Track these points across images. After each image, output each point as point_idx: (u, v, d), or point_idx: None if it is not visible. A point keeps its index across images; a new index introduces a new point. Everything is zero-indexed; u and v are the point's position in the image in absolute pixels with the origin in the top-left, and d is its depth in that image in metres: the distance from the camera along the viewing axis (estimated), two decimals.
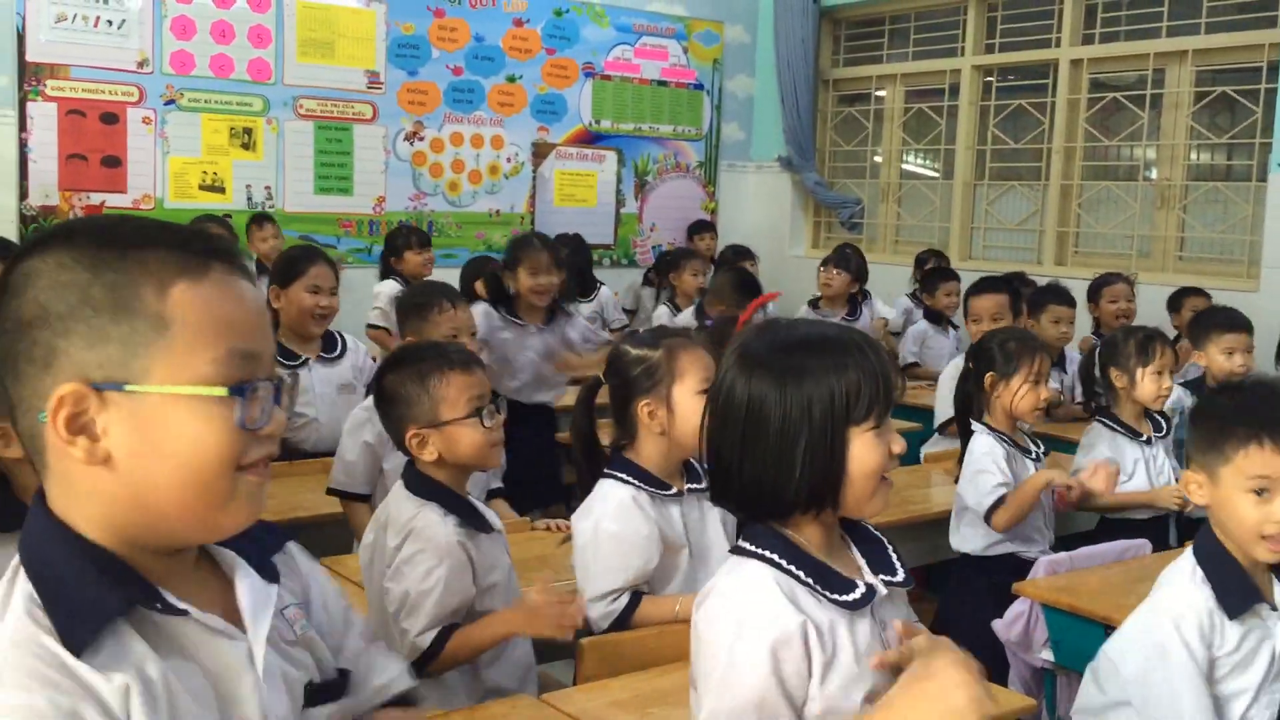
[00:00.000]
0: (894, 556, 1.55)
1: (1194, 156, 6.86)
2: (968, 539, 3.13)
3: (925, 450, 4.25)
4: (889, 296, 7.04)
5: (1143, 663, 1.90)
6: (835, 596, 1.43)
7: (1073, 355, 4.90)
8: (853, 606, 1.43)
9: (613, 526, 2.26)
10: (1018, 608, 2.69)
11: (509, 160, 7.94)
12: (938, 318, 5.94)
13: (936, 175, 8.28)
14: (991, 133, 7.73)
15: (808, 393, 1.41)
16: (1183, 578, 1.93)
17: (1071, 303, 4.81)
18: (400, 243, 6.30)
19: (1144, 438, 3.47)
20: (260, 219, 6.61)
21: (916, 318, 6.30)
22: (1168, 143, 6.79)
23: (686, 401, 2.30)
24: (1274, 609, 1.92)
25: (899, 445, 1.46)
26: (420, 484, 2.18)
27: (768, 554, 1.44)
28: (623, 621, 2.25)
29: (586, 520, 2.31)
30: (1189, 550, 1.99)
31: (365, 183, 7.38)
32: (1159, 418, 3.56)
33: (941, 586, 3.40)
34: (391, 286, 6.14)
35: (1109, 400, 3.55)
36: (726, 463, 1.46)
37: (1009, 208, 7.79)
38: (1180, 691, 1.83)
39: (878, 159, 8.55)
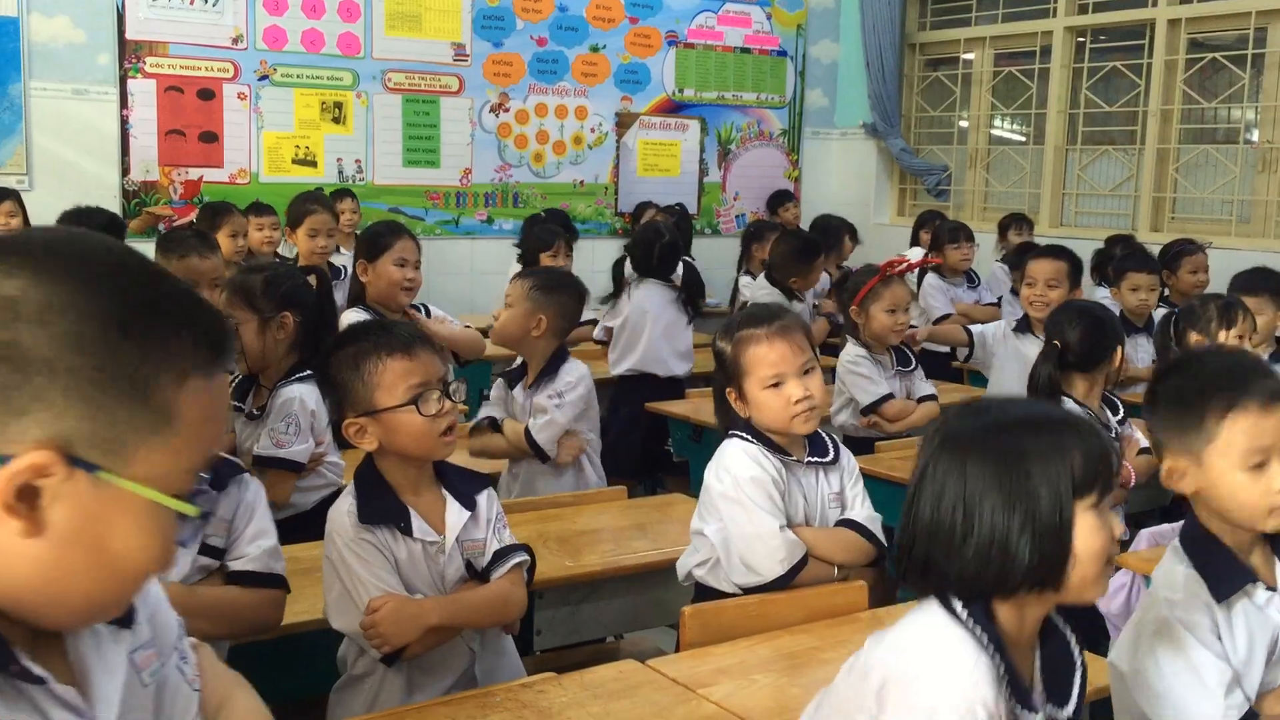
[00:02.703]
0: (1076, 687, 1.45)
1: None
2: None
3: None
4: (978, 265, 6.94)
5: (1148, 645, 1.78)
6: (1019, 712, 1.36)
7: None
8: None
9: (749, 471, 2.28)
10: (1119, 580, 2.67)
11: (592, 131, 7.96)
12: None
13: (1026, 140, 8.12)
14: (1084, 96, 7.56)
15: (1031, 476, 1.35)
16: (1174, 566, 1.81)
17: (1154, 269, 4.72)
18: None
19: None
20: (338, 195, 6.70)
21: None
22: (1269, 104, 6.59)
23: (758, 395, 2.32)
24: (1271, 589, 1.78)
25: (1119, 527, 1.42)
26: (357, 472, 2.09)
27: (979, 635, 1.36)
28: (795, 571, 2.26)
29: (721, 475, 2.32)
30: (1173, 544, 1.86)
31: (452, 155, 7.46)
32: None
33: None
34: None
35: None
36: (942, 556, 1.38)
37: (1102, 173, 7.63)
38: (1199, 663, 1.71)
39: (964, 124, 8.41)
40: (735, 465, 2.31)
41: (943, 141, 8.57)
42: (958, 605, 1.39)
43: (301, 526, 2.62)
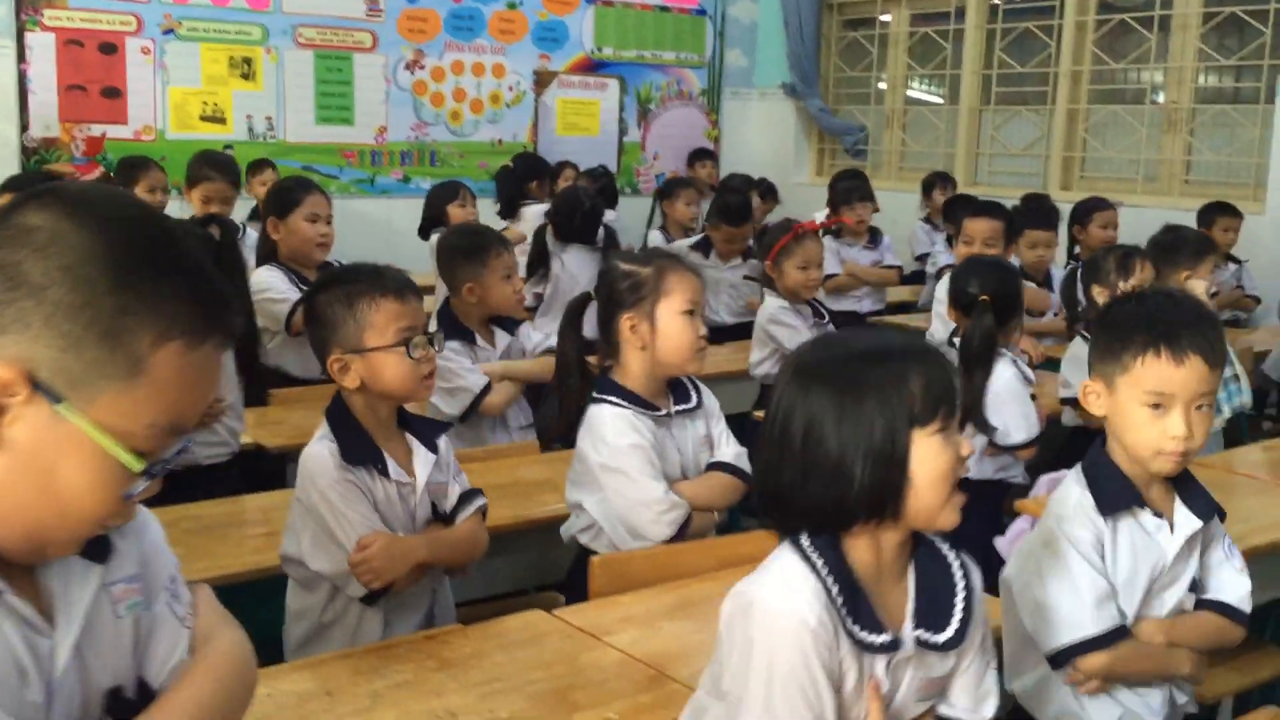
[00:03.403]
0: (956, 616, 1.46)
1: (1202, 79, 6.79)
2: (973, 465, 3.17)
3: None
4: (895, 223, 7.01)
5: (1031, 561, 1.87)
6: (854, 629, 1.39)
7: (1056, 275, 4.94)
8: (864, 647, 1.40)
9: (627, 439, 2.29)
10: (1019, 525, 2.72)
11: (510, 89, 7.87)
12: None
13: (942, 101, 8.20)
14: (998, 57, 7.65)
15: (868, 404, 1.38)
16: (1070, 487, 1.89)
17: (1052, 226, 4.82)
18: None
19: None
20: (259, 164, 6.55)
21: (937, 241, 6.27)
22: (1175, 65, 6.72)
23: (670, 320, 2.32)
24: (1158, 516, 1.86)
25: (967, 447, 1.43)
26: (329, 414, 2.12)
27: (817, 562, 1.41)
28: (683, 530, 2.28)
29: (598, 446, 2.32)
30: (1075, 470, 1.93)
31: (366, 113, 7.33)
32: None
33: None
34: None
35: (1092, 317, 3.59)
36: (790, 482, 1.41)
37: (1015, 133, 7.74)
38: (1076, 574, 1.79)
39: (882, 85, 8.46)
40: (611, 434, 2.30)
41: (860, 102, 8.62)
42: (805, 540, 1.43)
43: (196, 484, 2.56)
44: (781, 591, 1.39)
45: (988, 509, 2.99)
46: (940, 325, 4.39)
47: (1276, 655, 2.78)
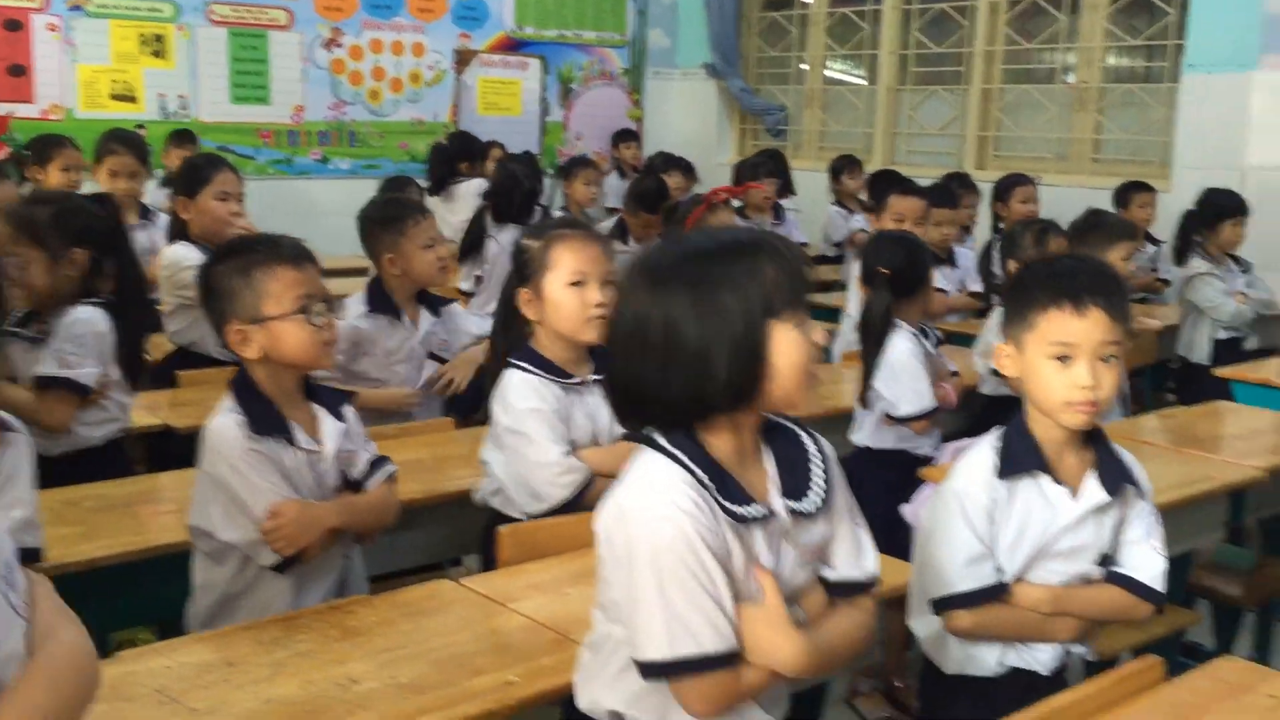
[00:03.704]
0: (817, 484, 1.52)
1: (1111, 59, 6.95)
2: (872, 434, 3.23)
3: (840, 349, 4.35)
4: (815, 203, 7.09)
5: (930, 515, 1.94)
6: (727, 504, 1.43)
7: (962, 251, 5.03)
8: (741, 520, 1.44)
9: (528, 403, 2.32)
10: (925, 492, 2.79)
11: (430, 68, 7.81)
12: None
13: (861, 81, 8.29)
14: (915, 37, 7.75)
15: (724, 298, 1.40)
16: (980, 445, 1.94)
17: (954, 205, 4.92)
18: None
19: None
20: (182, 136, 6.42)
21: (853, 221, 6.34)
22: (1085, 46, 6.87)
23: (556, 291, 2.35)
24: (1060, 484, 1.88)
25: (819, 334, 1.48)
26: (234, 386, 2.10)
27: (677, 452, 1.44)
28: (581, 493, 2.30)
29: (504, 409, 2.36)
30: (992, 434, 1.97)
31: (283, 91, 7.23)
32: None
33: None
34: None
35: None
36: (649, 383, 1.44)
37: (932, 112, 7.85)
38: (954, 533, 1.86)
39: (803, 65, 8.53)
40: (515, 397, 2.34)
41: (781, 82, 8.69)
42: (662, 440, 1.46)
43: (90, 465, 2.53)
44: (650, 489, 1.43)
45: (893, 477, 3.05)
46: (854, 301, 4.46)
47: (1172, 613, 2.88)
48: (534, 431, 2.31)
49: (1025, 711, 1.62)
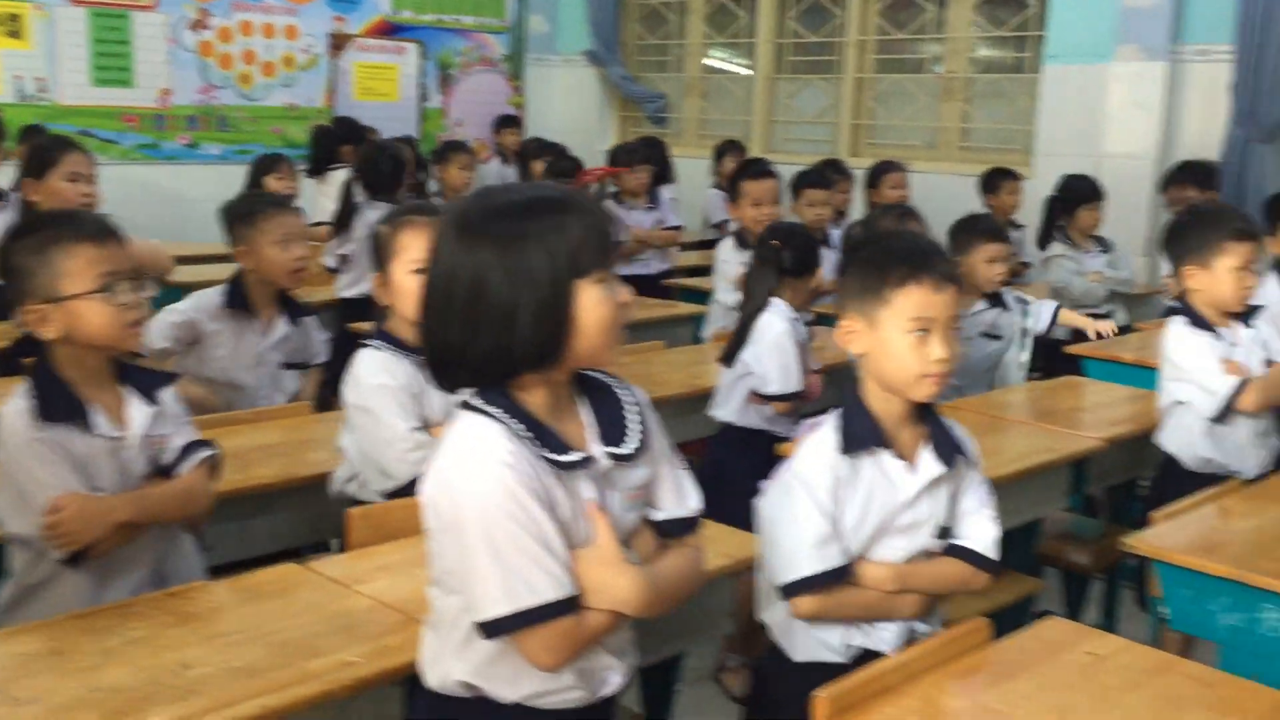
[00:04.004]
0: (634, 429, 1.55)
1: (983, 51, 7.15)
2: (737, 412, 3.28)
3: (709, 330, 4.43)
4: (696, 189, 7.15)
5: (773, 500, 1.94)
6: (547, 454, 1.45)
7: (837, 235, 5.13)
8: (563, 467, 1.46)
9: (376, 379, 2.30)
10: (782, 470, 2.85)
11: (304, 52, 7.65)
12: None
13: (740, 69, 8.38)
14: (791, 27, 7.86)
15: (530, 255, 1.41)
16: (824, 428, 1.94)
17: (827, 187, 5.02)
18: None
19: None
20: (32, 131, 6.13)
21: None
22: (953, 36, 7.05)
23: (403, 277, 2.35)
24: (899, 458, 1.90)
25: (624, 294, 1.51)
26: (32, 370, 2.01)
27: (491, 409, 1.46)
28: None
29: (353, 387, 2.34)
30: (832, 414, 1.98)
31: (148, 74, 7.01)
32: None
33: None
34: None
35: None
36: (456, 339, 1.45)
37: (808, 101, 7.98)
38: (801, 515, 1.86)
39: (682, 53, 8.59)
40: (364, 374, 2.33)
41: (661, 69, 8.73)
42: (475, 400, 1.48)
43: None
44: (468, 448, 1.44)
45: (757, 458, 3.08)
46: (723, 284, 4.51)
47: (1014, 580, 2.99)
48: (382, 407, 2.29)
49: (854, 675, 1.66)
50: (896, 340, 1.86)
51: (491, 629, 1.44)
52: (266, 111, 7.52)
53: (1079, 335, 4.82)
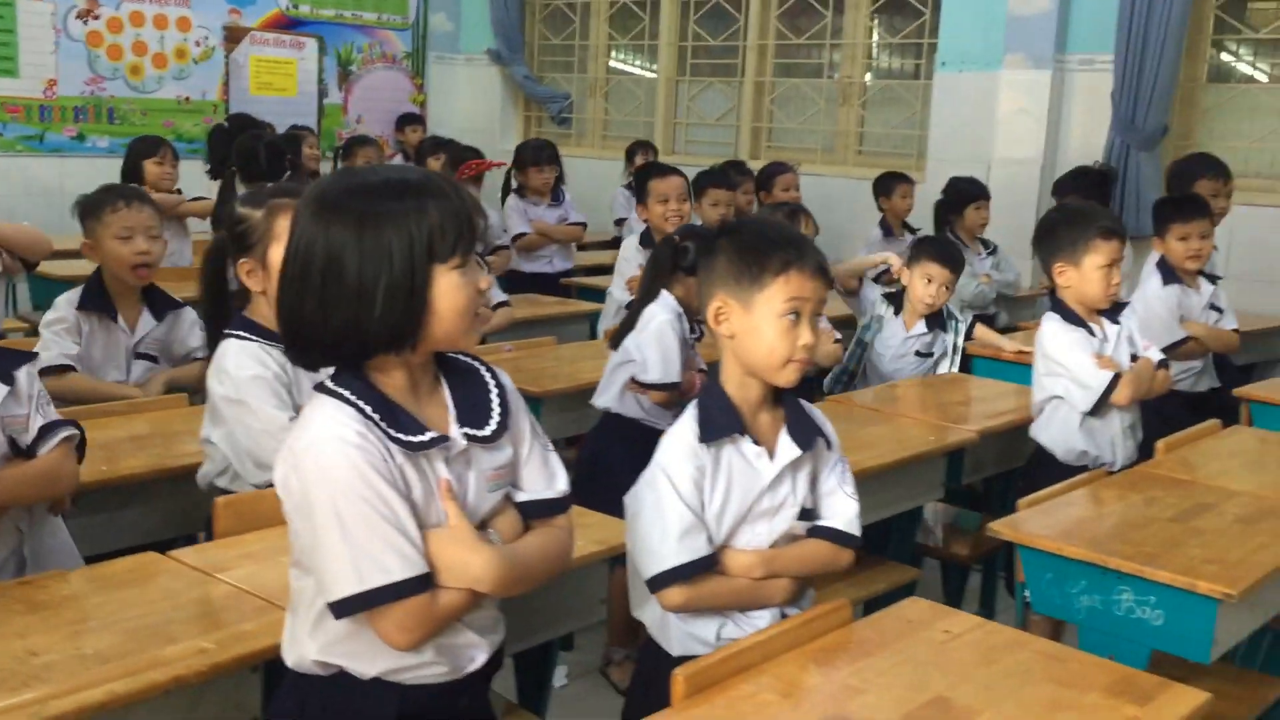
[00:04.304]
0: (494, 411, 1.56)
1: (885, 59, 7.28)
2: (617, 399, 3.28)
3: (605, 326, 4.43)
4: (599, 191, 7.17)
5: (637, 495, 1.93)
6: (397, 434, 1.45)
7: None
8: (414, 448, 1.46)
9: (248, 371, 2.26)
10: None
11: (198, 44, 7.50)
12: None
13: (643, 71, 8.42)
14: (693, 29, 7.93)
15: (387, 235, 1.41)
16: (684, 419, 1.94)
17: (730, 187, 5.07)
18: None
19: None
20: None
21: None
22: (849, 42, 7.17)
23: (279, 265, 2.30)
24: (758, 444, 1.90)
25: (485, 282, 1.52)
26: None
27: (342, 391, 1.46)
28: None
29: (221, 379, 2.29)
30: (690, 407, 1.98)
31: (33, 64, 6.81)
32: None
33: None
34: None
35: None
36: (310, 316, 1.45)
37: (709, 103, 8.05)
38: (666, 507, 1.85)
39: (586, 54, 8.60)
40: (234, 366, 2.28)
41: (565, 70, 8.73)
42: (329, 382, 1.48)
43: None
44: (317, 430, 1.44)
45: (635, 447, 3.07)
46: (619, 281, 4.53)
47: (891, 569, 3.05)
48: (256, 399, 2.25)
49: (711, 655, 1.68)
50: (770, 323, 1.86)
51: (341, 608, 1.43)
52: (158, 104, 7.35)
53: (967, 334, 4.96)
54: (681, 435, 1.90)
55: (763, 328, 1.88)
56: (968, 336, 4.13)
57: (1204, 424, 3.20)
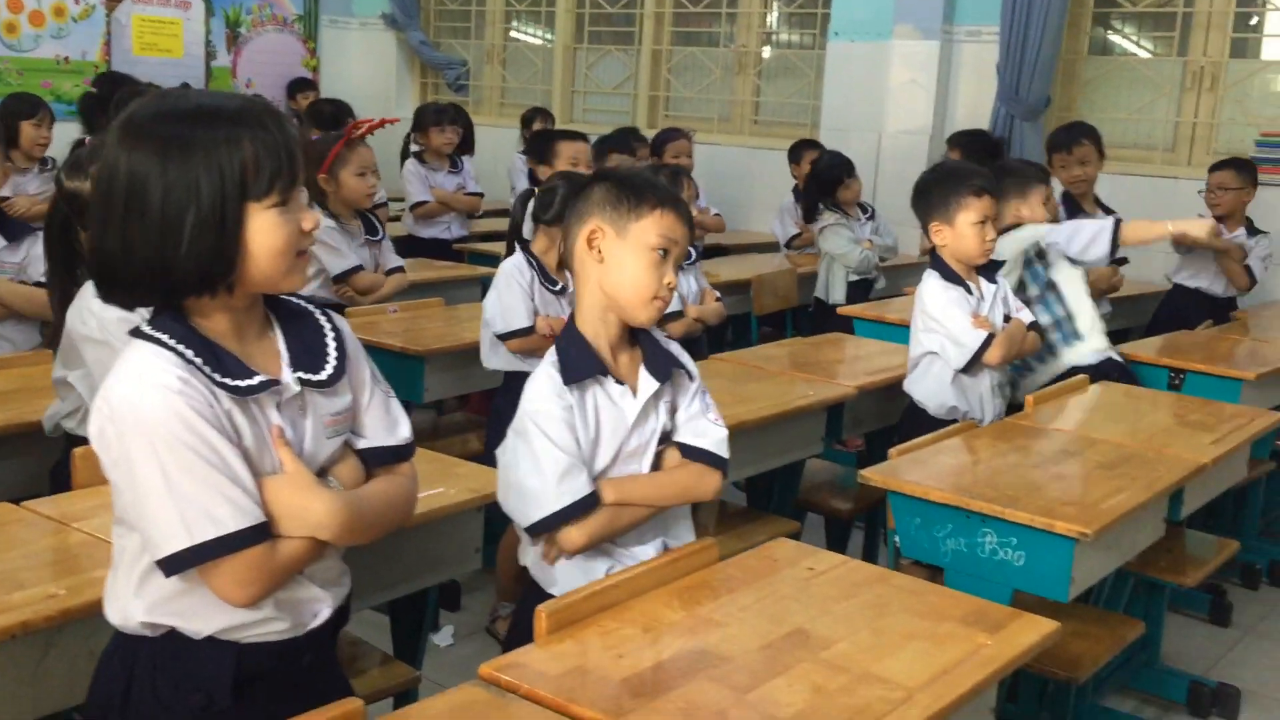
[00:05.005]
0: (331, 355, 1.50)
1: (784, 32, 7.32)
2: (488, 354, 3.26)
3: None
4: (495, 158, 7.11)
5: (509, 446, 1.91)
6: (222, 378, 1.38)
7: None
8: (242, 393, 1.39)
9: (116, 313, 2.15)
10: None
11: (78, 2, 7.23)
12: None
13: (541, 39, 8.36)
14: None
15: (195, 166, 1.33)
16: (544, 366, 1.93)
17: (630, 152, 5.09)
18: None
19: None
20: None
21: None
22: (745, 11, 7.20)
23: None
24: (620, 383, 1.91)
25: (309, 221, 1.43)
26: None
27: (159, 335, 1.38)
28: None
29: (84, 318, 2.22)
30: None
31: None
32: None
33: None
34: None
35: None
36: (112, 248, 1.36)
37: (607, 72, 8.02)
38: (539, 452, 1.84)
39: (483, 20, 8.50)
40: (99, 306, 2.14)
41: (463, 36, 8.63)
42: (146, 327, 1.40)
43: None
44: (134, 377, 1.35)
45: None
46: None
47: (772, 522, 3.10)
48: (121, 340, 2.17)
49: (575, 591, 1.68)
50: (641, 254, 1.88)
51: (171, 564, 1.35)
52: (35, 64, 7.08)
53: (852, 298, 5.04)
54: (544, 380, 1.90)
55: (633, 258, 1.89)
56: None
57: (1072, 379, 3.30)
